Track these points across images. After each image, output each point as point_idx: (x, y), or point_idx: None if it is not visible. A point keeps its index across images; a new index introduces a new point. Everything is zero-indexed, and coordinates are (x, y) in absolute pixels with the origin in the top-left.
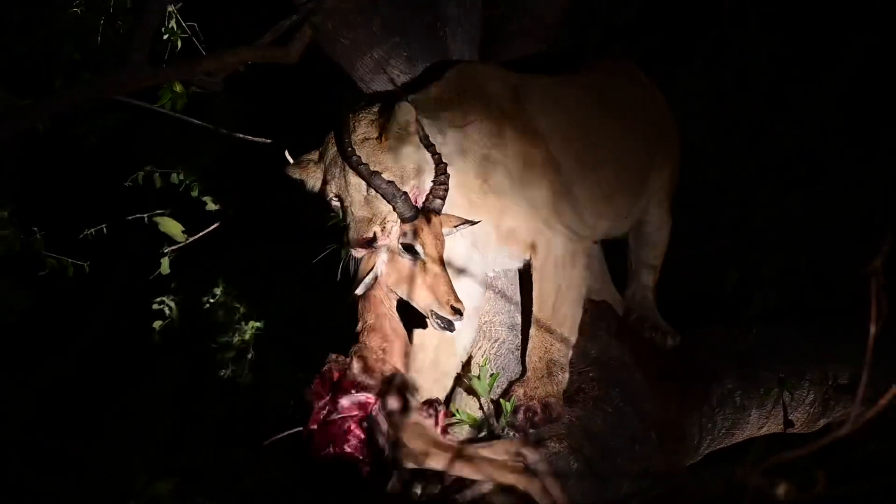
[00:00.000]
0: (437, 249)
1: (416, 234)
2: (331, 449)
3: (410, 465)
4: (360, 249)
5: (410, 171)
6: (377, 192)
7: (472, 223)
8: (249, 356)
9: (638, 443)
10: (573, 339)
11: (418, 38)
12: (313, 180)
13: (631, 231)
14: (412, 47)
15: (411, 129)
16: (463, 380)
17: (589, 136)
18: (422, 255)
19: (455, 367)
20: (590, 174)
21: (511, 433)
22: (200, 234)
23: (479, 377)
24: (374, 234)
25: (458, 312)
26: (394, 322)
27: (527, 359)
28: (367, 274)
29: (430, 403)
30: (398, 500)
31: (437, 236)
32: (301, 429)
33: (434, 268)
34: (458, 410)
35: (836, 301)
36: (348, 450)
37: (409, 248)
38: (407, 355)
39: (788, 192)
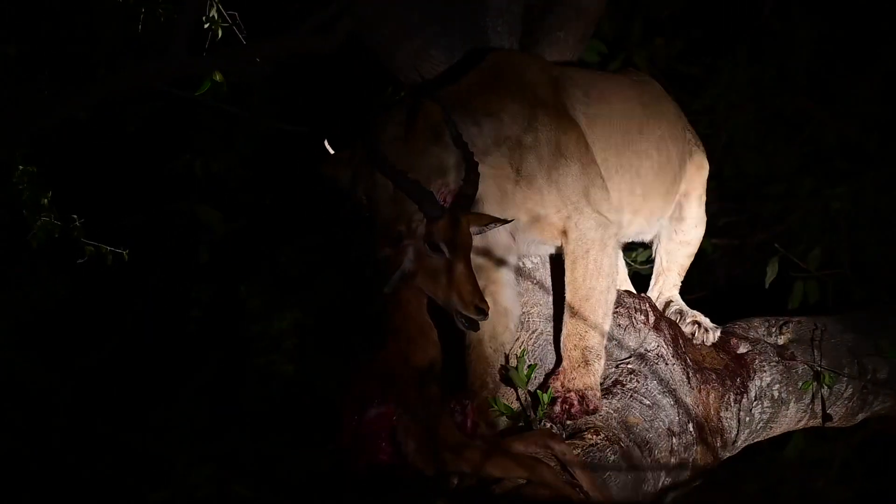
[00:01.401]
0: (463, 248)
1: (441, 233)
2: (365, 460)
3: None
4: (387, 248)
5: (437, 169)
6: (402, 191)
7: (504, 222)
8: (287, 345)
9: (676, 435)
10: (607, 324)
11: (458, 28)
12: (345, 179)
13: (664, 229)
14: (452, 38)
15: (439, 128)
16: (500, 370)
17: (629, 132)
18: (447, 254)
19: (510, 341)
20: (628, 168)
21: (548, 425)
22: (239, 223)
23: (516, 368)
24: (400, 232)
25: (482, 312)
26: (421, 320)
27: (562, 347)
28: (395, 272)
29: (459, 401)
30: (434, 491)
31: (463, 235)
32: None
33: (459, 267)
34: (495, 401)
35: (876, 294)
36: (383, 457)
37: (434, 247)
38: (435, 353)
39: (830, 185)
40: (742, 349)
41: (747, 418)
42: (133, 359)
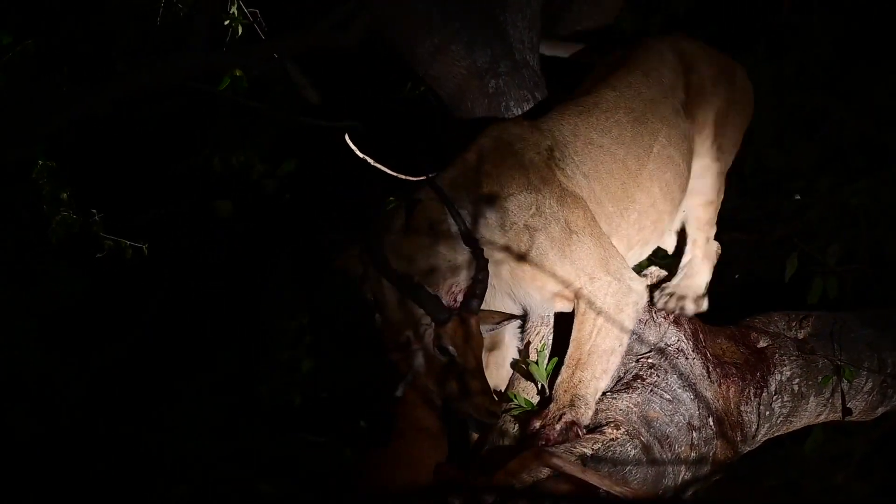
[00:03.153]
0: (473, 350)
1: (450, 337)
2: None
3: None
4: (395, 353)
5: (445, 269)
6: (408, 296)
7: (515, 318)
8: (307, 340)
9: (696, 430)
10: (603, 383)
11: (478, 23)
12: (354, 275)
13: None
14: (471, 33)
15: (440, 225)
16: (521, 365)
17: (627, 166)
18: (456, 358)
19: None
20: (633, 209)
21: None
22: (258, 218)
23: (537, 363)
24: (408, 337)
25: (494, 416)
26: (428, 423)
27: (553, 393)
28: (405, 376)
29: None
30: (455, 484)
31: (472, 337)
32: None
33: (470, 370)
34: (515, 396)
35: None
36: None
37: (443, 351)
38: (442, 456)
39: (850, 180)
40: (762, 343)
41: (767, 412)
42: (151, 355)
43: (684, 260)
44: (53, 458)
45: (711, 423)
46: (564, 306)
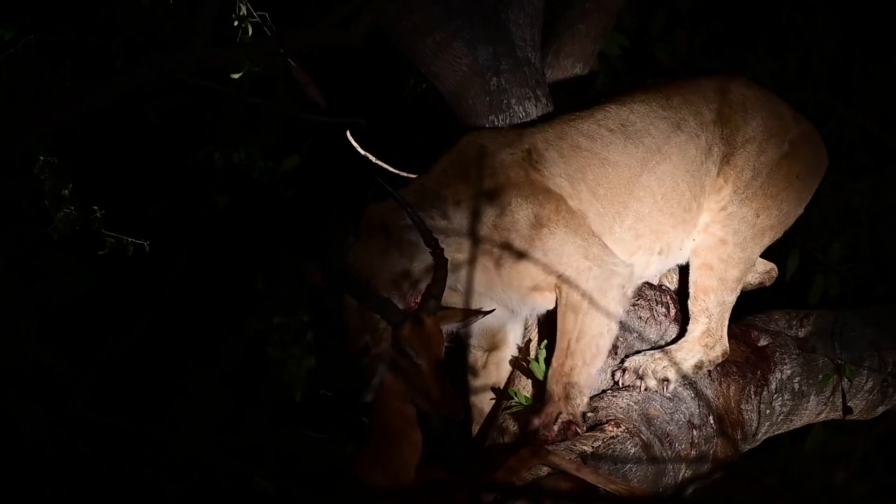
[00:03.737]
0: (432, 351)
1: (406, 339)
2: None
3: None
4: (358, 358)
5: (400, 272)
6: (361, 302)
7: (479, 314)
8: (308, 337)
9: (696, 428)
10: (595, 367)
11: (480, 21)
12: (323, 287)
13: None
14: (474, 31)
15: (390, 229)
16: (520, 362)
17: (618, 173)
18: (415, 360)
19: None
20: (627, 213)
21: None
22: (259, 214)
23: (536, 360)
24: (366, 343)
25: (452, 413)
26: (402, 423)
27: (547, 384)
28: (371, 380)
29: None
30: (440, 484)
31: (430, 337)
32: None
33: (428, 370)
34: (515, 393)
35: None
36: None
37: (402, 353)
38: (415, 457)
39: (851, 178)
40: (763, 342)
41: (767, 411)
42: (154, 351)
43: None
44: (57, 453)
45: (712, 422)
46: (545, 301)
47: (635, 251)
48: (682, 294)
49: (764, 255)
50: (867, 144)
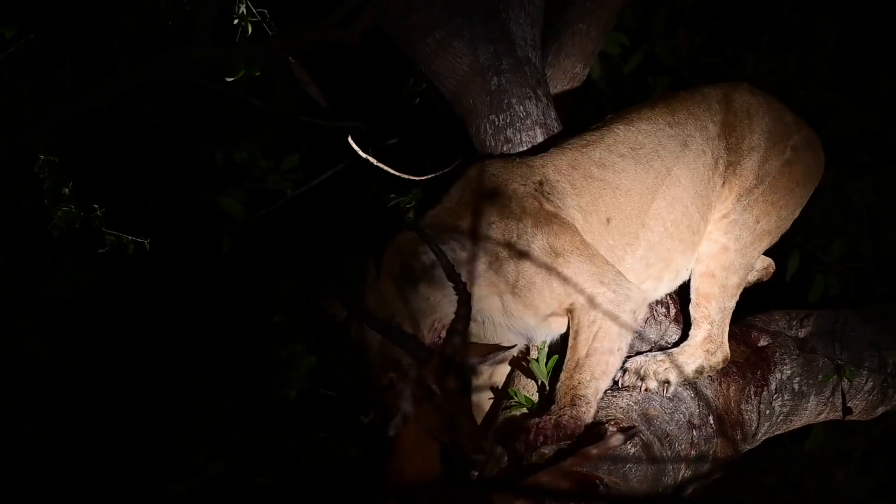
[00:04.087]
0: (458, 387)
1: (432, 375)
2: None
3: None
4: (381, 395)
5: (425, 308)
6: (387, 339)
7: (506, 349)
8: (310, 336)
9: (696, 428)
10: (604, 383)
11: (480, 20)
12: (340, 318)
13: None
14: (474, 29)
15: (419, 265)
16: (521, 362)
17: (630, 202)
18: (440, 396)
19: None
20: (637, 245)
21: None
22: (261, 213)
23: (537, 360)
24: (391, 380)
25: (482, 452)
26: (424, 460)
27: (554, 394)
28: (395, 417)
29: None
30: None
31: (456, 374)
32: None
33: (456, 408)
34: (515, 393)
35: None
36: None
37: (427, 390)
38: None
39: (852, 177)
40: (763, 342)
41: (767, 411)
42: (155, 349)
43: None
44: (55, 451)
45: (712, 422)
46: (560, 326)
47: (645, 280)
48: (681, 293)
49: (764, 254)
50: (868, 143)
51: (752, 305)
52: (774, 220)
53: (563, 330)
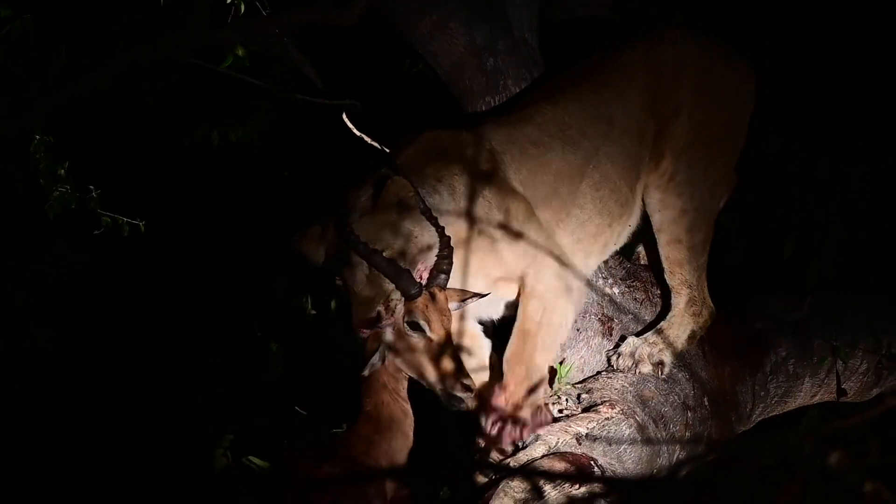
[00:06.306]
0: (444, 325)
1: (421, 311)
2: None
3: None
4: (365, 330)
5: (412, 246)
6: (378, 270)
7: (481, 296)
8: (308, 320)
9: (691, 409)
10: (552, 354)
11: (476, 1)
12: (316, 256)
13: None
14: (471, 11)
15: (409, 201)
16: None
17: (560, 180)
18: (428, 333)
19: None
20: (569, 220)
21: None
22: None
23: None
24: (379, 313)
25: (468, 389)
26: (396, 407)
27: (504, 365)
28: (373, 354)
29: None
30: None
31: (442, 312)
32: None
33: (441, 345)
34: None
35: (894, 274)
36: None
37: (414, 326)
38: (403, 444)
39: (849, 164)
40: (758, 324)
41: (762, 393)
42: (152, 333)
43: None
44: (51, 434)
45: (706, 403)
46: (508, 291)
47: (576, 253)
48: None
49: (760, 238)
50: (865, 130)
51: (748, 289)
52: (722, 162)
53: (510, 297)
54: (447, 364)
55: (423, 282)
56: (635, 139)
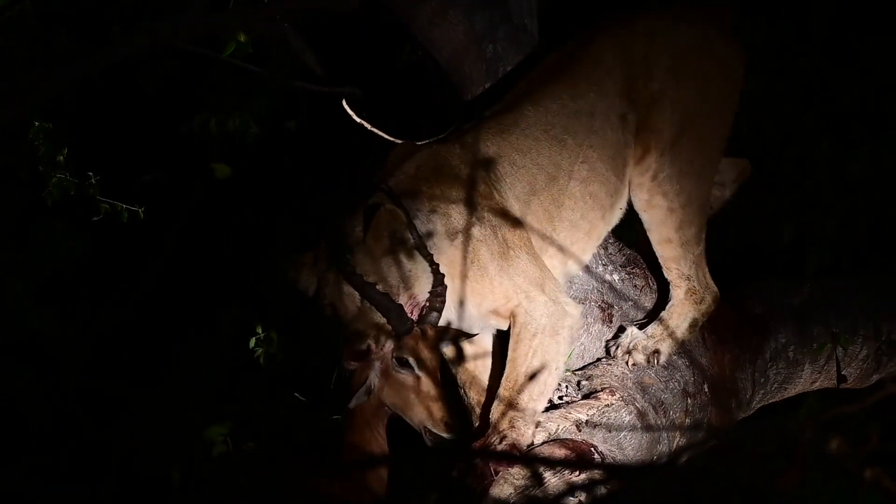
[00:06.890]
0: (432, 364)
1: (410, 349)
2: None
3: None
4: (353, 362)
5: (406, 280)
6: (371, 304)
7: (469, 336)
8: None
9: (691, 396)
10: (541, 404)
11: None
12: (307, 284)
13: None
14: None
15: (403, 234)
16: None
17: (550, 185)
18: (416, 371)
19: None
20: (561, 225)
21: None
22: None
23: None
24: (368, 346)
25: (451, 429)
26: (378, 444)
27: (490, 417)
28: (360, 388)
29: None
30: (449, 453)
31: (431, 350)
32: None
33: (428, 383)
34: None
35: (893, 258)
36: None
37: (403, 363)
38: (383, 479)
39: (849, 148)
40: (758, 310)
41: (762, 379)
42: (151, 318)
43: None
44: (50, 419)
45: (706, 390)
46: (499, 324)
47: (570, 258)
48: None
49: (760, 222)
50: (864, 113)
51: (747, 274)
52: (710, 147)
53: (500, 326)
54: (432, 403)
55: (415, 318)
56: (618, 127)
